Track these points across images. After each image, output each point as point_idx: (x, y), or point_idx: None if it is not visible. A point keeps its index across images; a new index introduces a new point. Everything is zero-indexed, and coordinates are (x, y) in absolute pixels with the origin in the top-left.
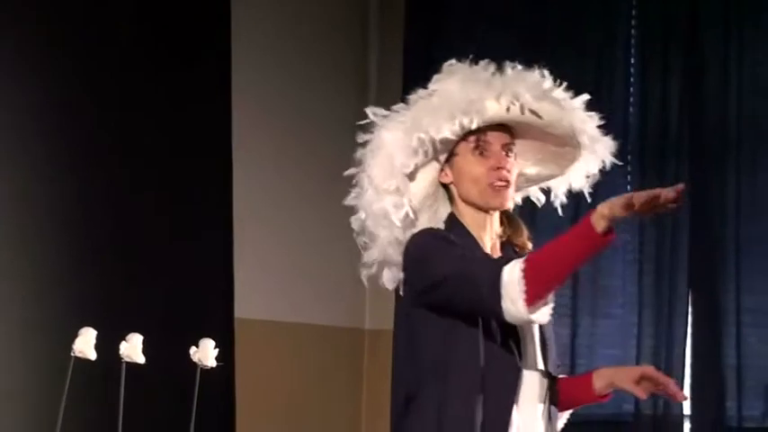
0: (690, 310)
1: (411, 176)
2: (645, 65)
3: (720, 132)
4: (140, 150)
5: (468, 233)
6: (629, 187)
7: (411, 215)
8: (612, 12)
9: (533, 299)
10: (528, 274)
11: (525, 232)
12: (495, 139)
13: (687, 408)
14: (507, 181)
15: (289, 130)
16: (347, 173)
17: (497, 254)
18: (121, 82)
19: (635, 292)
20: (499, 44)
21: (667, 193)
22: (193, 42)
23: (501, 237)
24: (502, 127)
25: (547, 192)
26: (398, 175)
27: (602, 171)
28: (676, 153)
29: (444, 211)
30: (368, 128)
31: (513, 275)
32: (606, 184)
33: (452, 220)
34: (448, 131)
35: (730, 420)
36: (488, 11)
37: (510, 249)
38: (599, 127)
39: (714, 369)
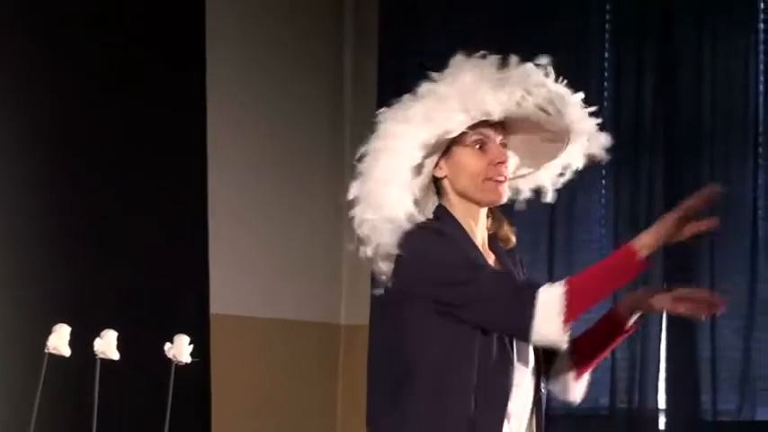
0: None
1: (418, 170)
2: (619, 59)
3: (694, 126)
4: (115, 148)
5: (460, 226)
6: (603, 181)
7: (414, 209)
8: (586, 6)
9: (570, 320)
10: (569, 297)
11: (507, 225)
12: (494, 135)
13: (662, 402)
14: (505, 176)
15: (263, 128)
16: (355, 161)
17: (487, 248)
18: (97, 82)
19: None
20: (473, 40)
21: (700, 198)
22: (168, 42)
23: (488, 229)
24: (497, 123)
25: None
26: (406, 167)
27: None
28: (650, 146)
29: (432, 204)
30: (374, 121)
31: (552, 298)
32: (579, 178)
33: (443, 212)
34: (459, 124)
35: (705, 414)
36: (462, 7)
37: (497, 244)
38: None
39: (689, 363)
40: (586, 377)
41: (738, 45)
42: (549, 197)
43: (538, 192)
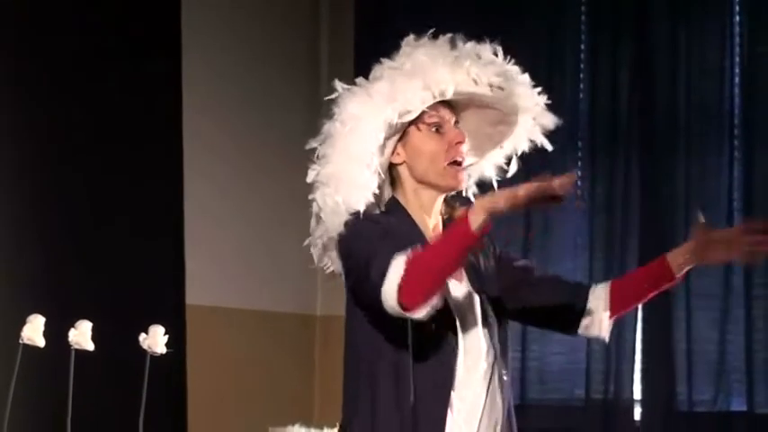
0: None
1: (380, 152)
2: (595, 52)
3: (669, 117)
4: (89, 140)
5: (409, 216)
6: (579, 172)
7: (375, 192)
8: (561, 1)
9: (409, 293)
10: (409, 267)
11: (459, 208)
12: (449, 116)
13: (638, 392)
14: (463, 158)
15: (238, 120)
16: (308, 146)
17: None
18: (71, 73)
19: (586, 276)
20: (450, 27)
21: (560, 182)
22: (144, 33)
23: (443, 215)
24: (449, 105)
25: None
26: (371, 148)
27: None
28: (626, 138)
29: (386, 198)
30: (333, 102)
31: (397, 267)
32: (557, 169)
33: (394, 205)
34: (421, 101)
35: (681, 405)
36: (437, 4)
37: None
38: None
39: (665, 354)
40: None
41: (713, 39)
42: (495, 187)
43: (481, 185)
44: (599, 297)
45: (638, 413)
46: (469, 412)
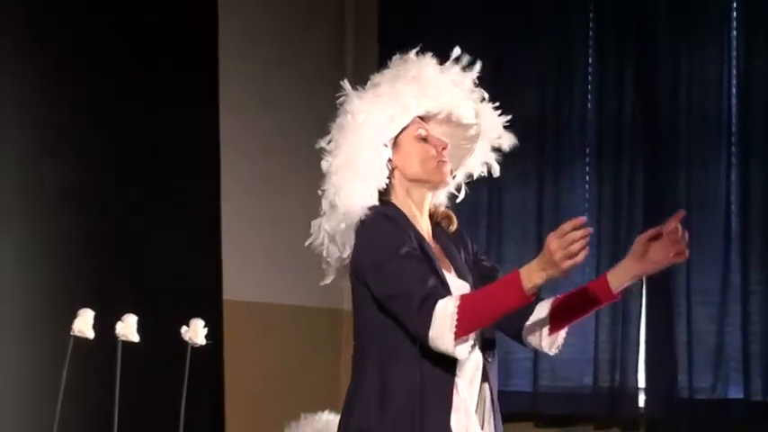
0: (644, 291)
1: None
2: (602, 65)
3: (671, 126)
4: (135, 146)
5: (404, 216)
6: (587, 178)
7: (383, 182)
8: (571, 15)
9: (461, 336)
10: (461, 313)
11: (443, 205)
12: (433, 129)
13: (642, 381)
14: (448, 160)
15: (272, 122)
16: (318, 145)
17: (431, 237)
18: (118, 82)
19: (593, 277)
20: (466, 38)
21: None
22: (184, 47)
23: (431, 210)
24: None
25: None
26: (382, 139)
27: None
28: (631, 146)
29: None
30: (342, 101)
31: (446, 311)
32: (567, 175)
33: (387, 204)
34: (418, 107)
35: (682, 392)
36: (456, 16)
37: (442, 233)
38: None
39: (667, 345)
40: (562, 333)
41: (713, 53)
42: (461, 195)
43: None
44: (541, 313)
45: (642, 400)
46: (470, 396)
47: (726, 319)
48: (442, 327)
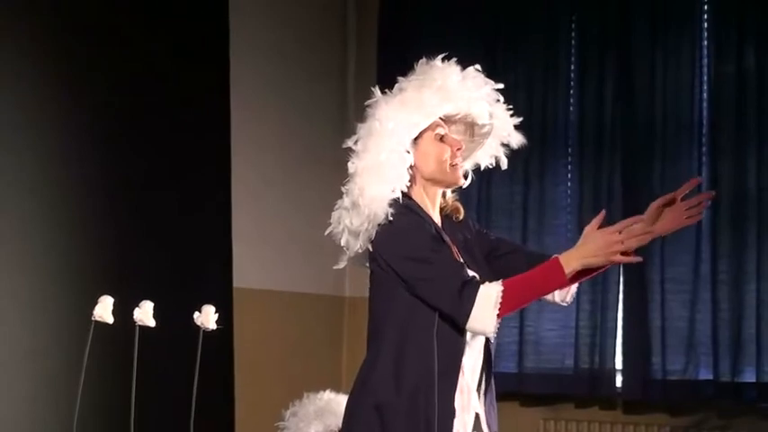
0: (621, 280)
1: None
2: (583, 69)
3: (648, 127)
4: (149, 136)
5: (421, 207)
6: (569, 175)
7: (405, 186)
8: (556, 25)
9: (500, 317)
10: (504, 296)
11: (453, 199)
12: (447, 127)
13: (619, 363)
14: (462, 162)
15: (281, 116)
16: (345, 145)
17: (441, 227)
18: (136, 80)
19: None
20: (461, 44)
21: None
22: (198, 48)
23: (441, 205)
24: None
25: None
26: (405, 143)
27: (547, 160)
28: (611, 145)
29: None
30: (368, 105)
31: (490, 293)
32: (551, 171)
33: (407, 198)
34: (438, 113)
35: (656, 373)
36: (452, 16)
37: (449, 222)
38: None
39: (642, 330)
40: (574, 287)
41: (686, 59)
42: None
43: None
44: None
45: (619, 380)
46: (472, 378)
47: (697, 305)
48: (486, 308)
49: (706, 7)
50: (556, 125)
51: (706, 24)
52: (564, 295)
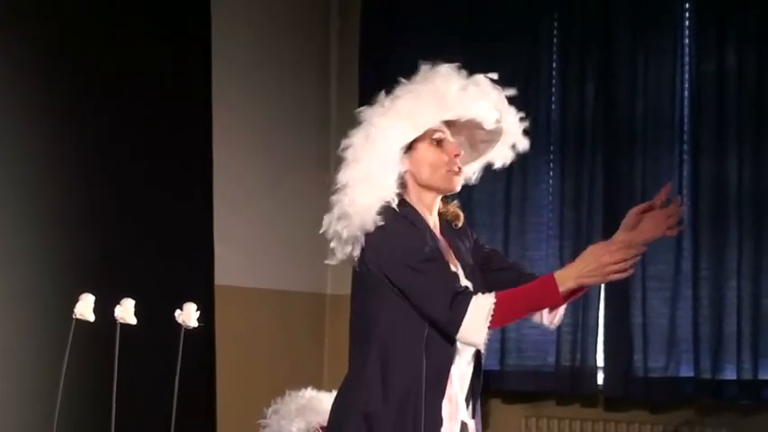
0: None
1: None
2: (565, 68)
3: (629, 125)
4: (130, 134)
5: (418, 213)
6: (550, 173)
7: (394, 193)
8: (538, 24)
9: (491, 330)
10: (496, 309)
11: (452, 206)
12: (448, 132)
13: (600, 360)
14: (460, 168)
15: (263, 114)
16: (340, 152)
17: (438, 232)
18: (115, 73)
19: (557, 263)
20: (444, 43)
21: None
22: (178, 43)
23: (439, 210)
24: (447, 123)
25: None
26: (395, 153)
27: (529, 157)
28: (592, 143)
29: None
30: (357, 117)
31: (482, 306)
32: (533, 169)
33: (403, 203)
34: (433, 119)
35: (637, 371)
36: (434, 15)
37: (449, 228)
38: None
39: (624, 328)
40: (561, 310)
41: (667, 59)
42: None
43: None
44: None
45: (600, 378)
46: (461, 387)
47: (678, 303)
48: (477, 320)
49: (687, 6)
50: (537, 123)
51: (687, 23)
52: (552, 318)
